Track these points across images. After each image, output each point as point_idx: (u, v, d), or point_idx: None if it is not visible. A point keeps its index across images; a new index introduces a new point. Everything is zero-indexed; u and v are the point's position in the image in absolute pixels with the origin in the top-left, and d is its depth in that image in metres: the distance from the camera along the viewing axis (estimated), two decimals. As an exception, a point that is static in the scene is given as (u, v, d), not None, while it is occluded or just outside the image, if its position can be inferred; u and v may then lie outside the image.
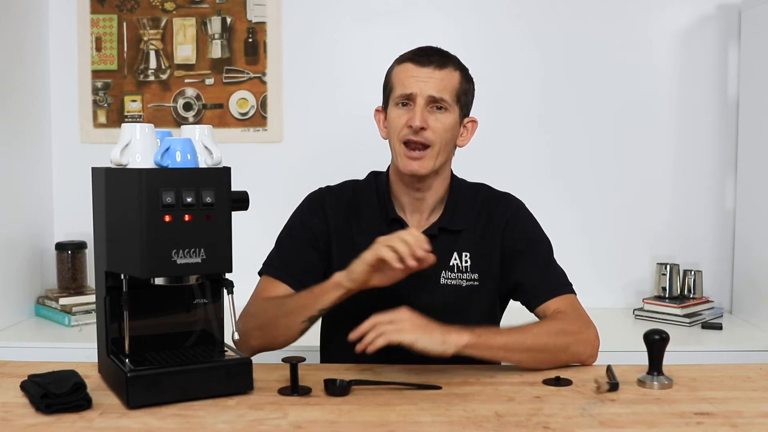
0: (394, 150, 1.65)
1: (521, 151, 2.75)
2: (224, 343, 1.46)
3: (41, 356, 1.70)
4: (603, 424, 1.22)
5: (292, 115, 2.75)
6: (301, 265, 1.67)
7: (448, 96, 1.61)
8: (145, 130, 1.33)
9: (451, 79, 1.62)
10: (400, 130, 1.61)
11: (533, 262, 1.67)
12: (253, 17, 2.72)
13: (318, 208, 1.72)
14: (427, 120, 1.59)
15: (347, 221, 1.70)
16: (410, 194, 1.69)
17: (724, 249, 2.76)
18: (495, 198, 1.74)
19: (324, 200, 1.73)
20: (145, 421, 1.22)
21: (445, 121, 1.61)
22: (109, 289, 1.38)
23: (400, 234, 1.44)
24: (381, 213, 1.70)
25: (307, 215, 1.73)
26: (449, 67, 1.63)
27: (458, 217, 1.69)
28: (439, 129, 1.60)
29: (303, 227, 1.71)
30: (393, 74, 1.66)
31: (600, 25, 2.73)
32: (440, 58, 1.63)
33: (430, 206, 1.70)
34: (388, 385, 1.40)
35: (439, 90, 1.60)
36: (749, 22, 2.63)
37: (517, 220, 1.71)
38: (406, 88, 1.61)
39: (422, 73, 1.61)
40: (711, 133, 2.75)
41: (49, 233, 2.71)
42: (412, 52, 1.66)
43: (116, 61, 2.73)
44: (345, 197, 1.74)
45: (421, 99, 1.60)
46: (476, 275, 1.67)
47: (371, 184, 1.75)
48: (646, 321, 2.57)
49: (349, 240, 1.69)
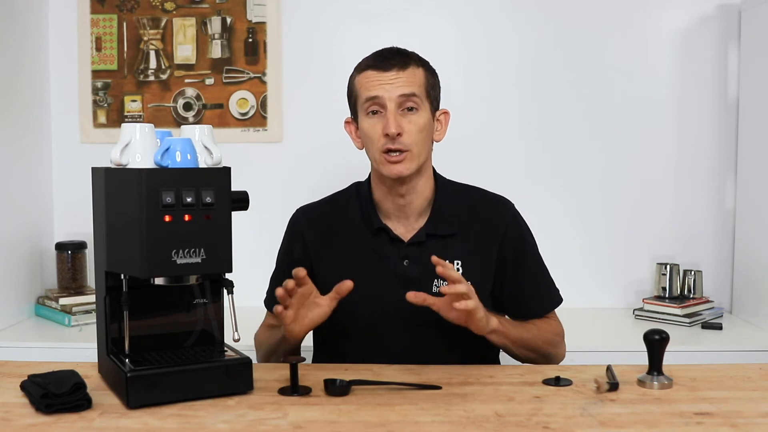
0: (374, 159, 1.63)
1: (521, 151, 2.75)
2: (224, 343, 1.46)
3: (41, 356, 1.71)
4: (603, 424, 1.22)
5: (292, 115, 2.75)
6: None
7: (418, 92, 1.59)
8: (145, 130, 1.33)
9: (417, 76, 1.60)
10: (378, 140, 1.59)
11: (523, 277, 1.70)
12: (253, 17, 2.72)
13: (297, 234, 1.73)
14: (401, 124, 1.57)
15: (328, 240, 1.69)
16: (394, 200, 1.66)
17: (724, 249, 2.76)
18: (490, 202, 1.72)
19: (300, 225, 1.74)
20: (145, 421, 1.22)
21: (418, 121, 1.59)
22: (109, 289, 1.38)
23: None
24: (365, 224, 1.68)
25: (288, 244, 1.75)
26: (411, 66, 1.61)
27: (446, 221, 1.67)
28: (414, 131, 1.58)
29: (285, 257, 1.75)
30: (356, 83, 1.64)
31: (600, 25, 2.73)
32: (401, 58, 1.61)
33: (416, 211, 1.67)
34: (388, 385, 1.40)
35: (407, 88, 1.58)
36: (749, 22, 2.63)
37: (514, 230, 1.70)
38: (373, 93, 1.59)
39: (386, 77, 1.59)
40: (711, 133, 2.75)
41: (49, 233, 2.71)
42: (370, 58, 1.64)
43: (116, 61, 2.73)
44: (323, 217, 1.73)
45: (391, 103, 1.58)
46: (468, 282, 1.65)
47: (352, 195, 1.74)
48: (646, 321, 2.57)
49: (334, 256, 1.68)
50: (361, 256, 1.66)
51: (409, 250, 1.65)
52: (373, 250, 1.66)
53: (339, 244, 1.68)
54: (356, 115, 1.67)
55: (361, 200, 1.71)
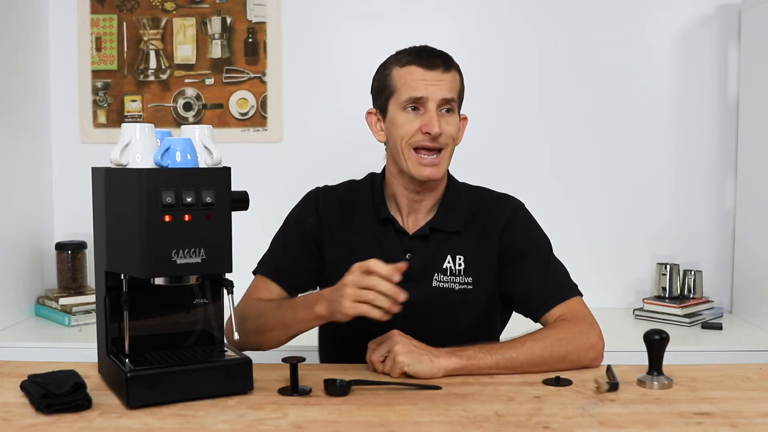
0: (401, 155, 1.61)
1: (521, 151, 2.75)
2: (224, 343, 1.46)
3: (41, 356, 1.70)
4: (603, 424, 1.22)
5: (292, 115, 2.75)
6: (293, 267, 1.68)
7: (455, 98, 1.62)
8: (145, 130, 1.33)
9: (456, 81, 1.63)
10: (412, 135, 1.59)
11: (531, 268, 1.65)
12: (253, 17, 2.72)
13: (311, 208, 1.73)
14: (441, 124, 1.58)
15: (341, 221, 1.71)
16: (410, 196, 1.67)
17: (724, 249, 2.76)
18: (493, 199, 1.73)
19: (318, 199, 1.73)
20: (145, 421, 1.22)
21: (453, 122, 1.62)
22: (109, 289, 1.38)
23: (372, 281, 1.37)
24: (374, 213, 1.70)
25: (301, 215, 1.73)
26: (453, 69, 1.63)
27: (451, 218, 1.68)
28: (451, 131, 1.61)
29: (296, 227, 1.72)
30: (394, 77, 1.62)
31: (600, 25, 2.73)
32: (444, 60, 1.63)
33: (427, 207, 1.69)
34: (388, 385, 1.40)
35: (450, 92, 1.60)
36: (749, 22, 2.63)
37: (515, 224, 1.68)
38: (416, 91, 1.59)
39: (431, 76, 1.59)
40: (711, 133, 2.75)
41: (49, 233, 2.71)
42: (413, 54, 1.62)
43: (116, 61, 2.73)
44: (340, 196, 1.74)
45: (433, 103, 1.58)
46: (470, 278, 1.65)
47: (367, 184, 1.75)
48: (646, 321, 2.57)
49: (341, 239, 1.69)
50: (365, 244, 1.66)
51: (413, 242, 1.66)
52: (376, 240, 1.67)
53: (347, 229, 1.69)
54: (383, 106, 1.65)
55: (373, 191, 1.72)
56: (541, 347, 1.50)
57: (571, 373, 1.48)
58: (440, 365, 1.44)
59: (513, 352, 1.48)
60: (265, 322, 1.57)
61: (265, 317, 1.57)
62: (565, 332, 1.53)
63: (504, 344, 1.52)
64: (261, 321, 1.57)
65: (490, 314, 1.71)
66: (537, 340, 1.51)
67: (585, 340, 1.53)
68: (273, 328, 1.56)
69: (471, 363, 1.46)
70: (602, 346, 1.56)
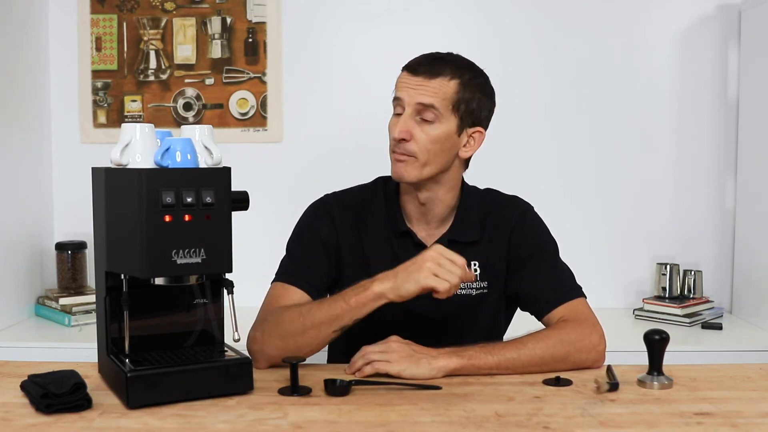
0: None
1: (521, 151, 2.75)
2: (224, 343, 1.46)
3: (41, 356, 1.70)
4: (603, 424, 1.22)
5: (292, 115, 2.75)
6: (315, 271, 1.64)
7: (439, 105, 1.55)
8: (145, 130, 1.33)
9: (444, 88, 1.56)
10: (391, 138, 1.60)
11: (537, 271, 1.65)
12: (253, 17, 2.72)
13: (326, 217, 1.68)
14: (411, 131, 1.56)
15: (357, 233, 1.67)
16: (415, 204, 1.66)
17: (724, 249, 2.76)
18: (501, 203, 1.72)
19: (332, 209, 1.69)
20: (145, 421, 1.22)
21: (432, 132, 1.56)
22: (109, 289, 1.38)
23: (448, 265, 1.42)
24: (390, 225, 1.67)
25: (316, 223, 1.68)
26: (443, 76, 1.56)
27: (468, 228, 1.67)
28: (424, 140, 1.56)
29: (312, 234, 1.67)
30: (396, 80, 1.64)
31: (600, 26, 2.73)
32: (434, 66, 1.57)
33: (437, 217, 1.66)
34: (388, 385, 1.40)
35: (429, 98, 1.55)
36: (749, 22, 2.63)
37: (522, 227, 1.68)
38: (397, 92, 1.60)
39: (412, 80, 1.57)
40: (711, 133, 2.75)
41: (49, 233, 2.71)
42: (414, 59, 1.62)
43: (116, 61, 2.73)
44: (353, 207, 1.70)
45: (409, 108, 1.57)
46: (485, 283, 1.66)
47: (379, 192, 1.71)
48: (646, 321, 2.57)
49: (358, 251, 1.66)
50: (382, 256, 1.64)
51: None
52: (393, 252, 1.64)
53: (364, 240, 1.67)
54: None
55: (387, 199, 1.70)
56: (542, 348, 1.49)
57: (572, 373, 1.48)
58: (440, 366, 1.44)
59: (514, 352, 1.48)
60: (309, 320, 1.48)
61: (306, 316, 1.49)
62: (567, 333, 1.53)
63: (505, 344, 1.51)
64: (302, 320, 1.49)
65: (500, 315, 1.72)
66: (539, 340, 1.51)
67: (587, 341, 1.53)
68: (320, 323, 1.47)
69: (472, 363, 1.46)
70: (604, 347, 1.56)
